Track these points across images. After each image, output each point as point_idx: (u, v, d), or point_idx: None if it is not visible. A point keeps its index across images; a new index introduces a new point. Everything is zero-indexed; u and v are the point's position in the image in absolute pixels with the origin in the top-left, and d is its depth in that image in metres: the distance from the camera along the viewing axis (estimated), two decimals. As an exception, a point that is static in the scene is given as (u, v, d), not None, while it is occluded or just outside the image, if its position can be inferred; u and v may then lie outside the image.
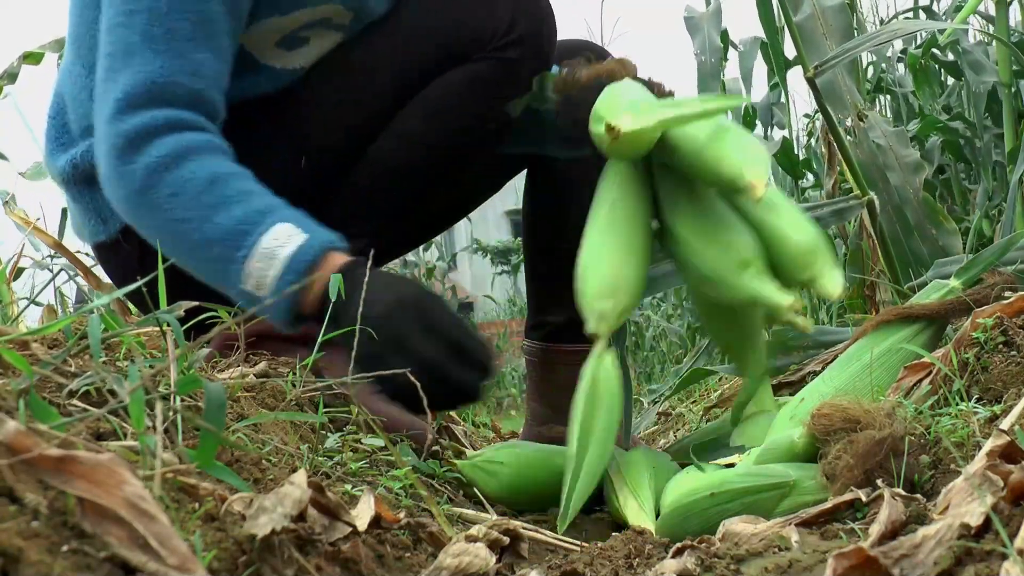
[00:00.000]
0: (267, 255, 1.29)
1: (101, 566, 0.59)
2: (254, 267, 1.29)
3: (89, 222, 1.56)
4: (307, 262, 1.30)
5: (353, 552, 0.79)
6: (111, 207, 1.48)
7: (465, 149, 1.59)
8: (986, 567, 0.68)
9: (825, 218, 2.26)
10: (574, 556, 1.08)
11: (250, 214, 1.31)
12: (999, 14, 2.88)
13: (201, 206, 1.31)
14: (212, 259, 1.32)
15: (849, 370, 1.37)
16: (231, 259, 1.30)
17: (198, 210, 1.31)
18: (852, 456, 1.04)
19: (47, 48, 3.16)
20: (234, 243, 1.30)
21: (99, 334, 0.84)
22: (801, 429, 1.17)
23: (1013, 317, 1.21)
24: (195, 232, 1.31)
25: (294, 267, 1.29)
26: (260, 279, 1.29)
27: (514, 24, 1.49)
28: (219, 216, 1.31)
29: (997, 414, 1.03)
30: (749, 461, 1.29)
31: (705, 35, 3.59)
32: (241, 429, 1.03)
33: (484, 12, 1.49)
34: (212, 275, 1.34)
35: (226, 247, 1.30)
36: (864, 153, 2.49)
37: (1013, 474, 0.74)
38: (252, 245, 1.29)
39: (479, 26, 1.48)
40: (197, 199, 1.31)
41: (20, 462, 0.61)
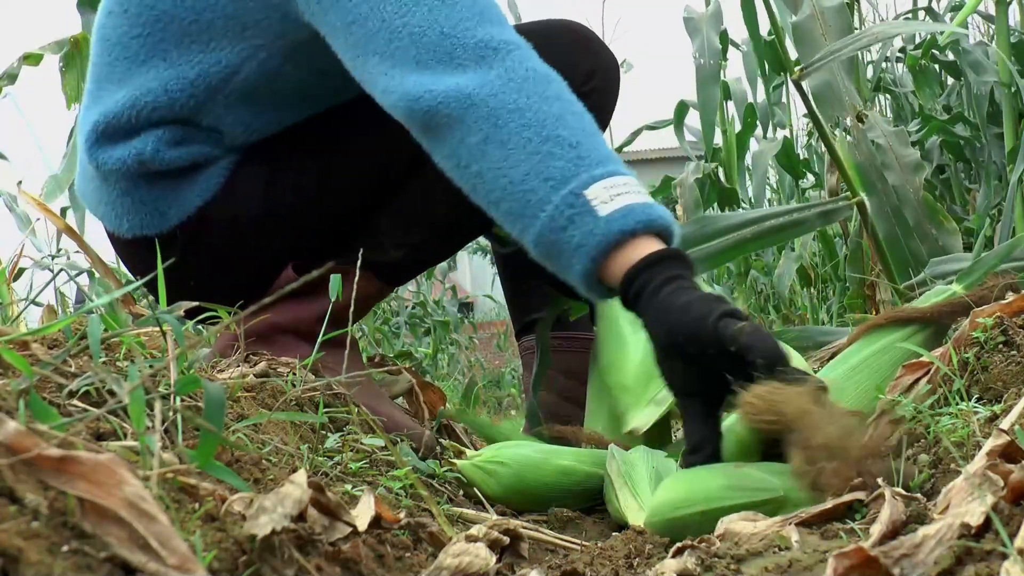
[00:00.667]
0: (634, 187, 1.24)
1: (101, 566, 0.59)
2: (613, 182, 1.22)
3: (139, 215, 1.56)
4: (660, 218, 1.22)
5: (353, 552, 0.79)
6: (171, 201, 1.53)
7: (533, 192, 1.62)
8: (986, 567, 0.68)
9: (812, 220, 2.28)
10: (574, 556, 1.08)
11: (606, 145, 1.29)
12: (999, 14, 2.88)
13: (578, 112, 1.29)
14: (561, 156, 1.24)
15: (835, 373, 1.35)
16: (591, 163, 1.23)
17: (577, 115, 1.28)
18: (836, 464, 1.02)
19: (47, 49, 3.16)
20: (605, 156, 1.25)
21: (99, 334, 0.84)
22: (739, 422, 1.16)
23: (1013, 317, 1.21)
24: (560, 126, 1.25)
25: (650, 209, 1.22)
26: (613, 193, 1.21)
27: (591, 76, 1.58)
28: (592, 128, 1.28)
29: (997, 414, 1.03)
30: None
31: (704, 36, 3.59)
32: (241, 429, 1.03)
33: (569, 63, 1.51)
34: (544, 170, 1.24)
35: (593, 152, 1.24)
36: (863, 153, 2.49)
37: (1013, 474, 0.74)
38: (625, 173, 1.24)
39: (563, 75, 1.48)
40: (573, 109, 1.29)
41: (20, 462, 0.61)
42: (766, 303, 4.51)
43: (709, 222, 2.08)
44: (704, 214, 3.28)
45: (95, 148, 1.55)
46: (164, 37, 1.51)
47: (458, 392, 4.35)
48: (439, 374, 6.34)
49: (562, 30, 1.62)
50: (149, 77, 1.52)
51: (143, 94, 1.51)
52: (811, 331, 2.07)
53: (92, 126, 1.55)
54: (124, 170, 1.53)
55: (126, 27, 1.53)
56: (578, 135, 1.25)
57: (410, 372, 1.85)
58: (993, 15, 3.05)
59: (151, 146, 1.51)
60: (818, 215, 2.26)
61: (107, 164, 1.54)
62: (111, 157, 1.53)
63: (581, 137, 1.25)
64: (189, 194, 1.54)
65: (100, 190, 1.59)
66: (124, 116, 1.52)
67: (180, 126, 1.51)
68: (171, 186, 1.54)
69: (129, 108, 1.52)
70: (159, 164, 1.51)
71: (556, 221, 1.22)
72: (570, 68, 1.54)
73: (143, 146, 1.51)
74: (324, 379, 1.27)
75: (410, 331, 6.89)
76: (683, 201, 4.11)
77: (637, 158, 14.19)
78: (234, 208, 1.55)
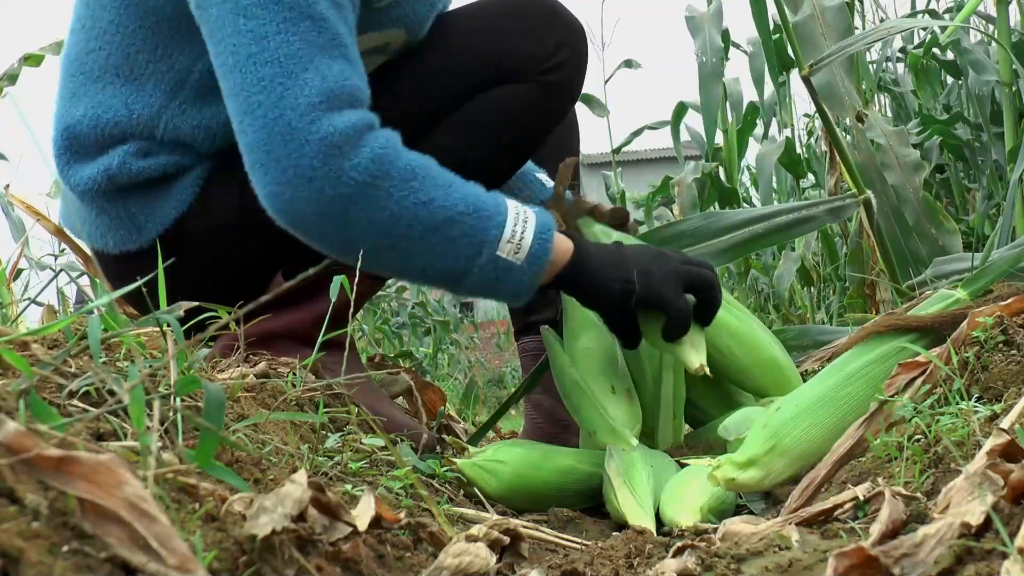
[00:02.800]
0: (522, 218, 1.37)
1: (101, 567, 0.59)
2: (514, 230, 1.36)
3: (119, 231, 1.56)
4: (551, 227, 1.40)
5: (354, 552, 0.79)
6: (147, 214, 1.52)
7: (498, 166, 1.66)
8: (986, 566, 0.68)
9: (820, 216, 2.27)
10: (574, 555, 1.08)
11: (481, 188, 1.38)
12: (999, 14, 2.88)
13: (443, 185, 1.34)
14: (459, 234, 1.34)
15: (831, 381, 1.33)
16: (487, 227, 1.35)
17: (442, 188, 1.34)
18: None
19: (47, 50, 3.16)
20: (486, 212, 1.35)
21: (99, 335, 0.84)
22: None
23: (1013, 316, 1.20)
24: (441, 210, 1.33)
25: (542, 230, 1.39)
26: (519, 242, 1.36)
27: (558, 50, 1.58)
28: (465, 189, 1.36)
29: (997, 413, 1.03)
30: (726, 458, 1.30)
31: (706, 35, 3.59)
32: (241, 429, 1.03)
33: (534, 38, 1.58)
34: (451, 253, 1.35)
35: (480, 216, 1.34)
36: (863, 153, 2.49)
37: (1013, 473, 0.74)
38: (507, 210, 1.36)
39: (528, 51, 1.57)
40: (435, 180, 1.34)
41: (20, 462, 0.61)
42: (766, 303, 4.51)
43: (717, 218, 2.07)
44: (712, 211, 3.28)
45: (66, 167, 1.56)
46: (113, 51, 1.51)
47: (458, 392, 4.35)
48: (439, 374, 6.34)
49: (523, 4, 1.61)
50: (107, 93, 1.51)
51: (104, 111, 1.51)
52: (811, 331, 2.06)
53: (58, 144, 1.56)
54: (96, 188, 1.53)
55: (83, 43, 1.54)
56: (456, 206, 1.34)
57: (410, 372, 1.85)
58: (993, 15, 3.04)
59: (117, 160, 1.51)
60: (827, 211, 2.26)
61: (80, 185, 1.54)
62: (82, 177, 1.54)
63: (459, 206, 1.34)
64: (164, 206, 1.54)
65: (80, 210, 1.59)
66: (89, 134, 1.52)
67: (145, 140, 1.51)
68: (145, 199, 1.53)
69: (92, 126, 1.51)
70: (128, 177, 1.51)
71: (485, 281, 1.37)
72: (536, 43, 1.56)
73: (110, 161, 1.51)
74: (324, 380, 1.27)
75: (410, 331, 6.89)
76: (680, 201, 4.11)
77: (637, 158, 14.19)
78: (211, 217, 1.54)
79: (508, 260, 1.36)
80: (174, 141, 1.52)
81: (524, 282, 1.38)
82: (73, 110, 1.53)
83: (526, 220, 1.38)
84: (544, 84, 1.57)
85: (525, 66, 1.56)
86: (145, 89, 1.50)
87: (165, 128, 1.51)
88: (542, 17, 1.60)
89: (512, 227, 1.36)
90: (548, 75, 1.57)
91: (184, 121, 1.51)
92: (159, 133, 1.51)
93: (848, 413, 1.28)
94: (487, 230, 1.35)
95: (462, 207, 1.34)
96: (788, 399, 1.37)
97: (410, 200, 1.32)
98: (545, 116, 1.64)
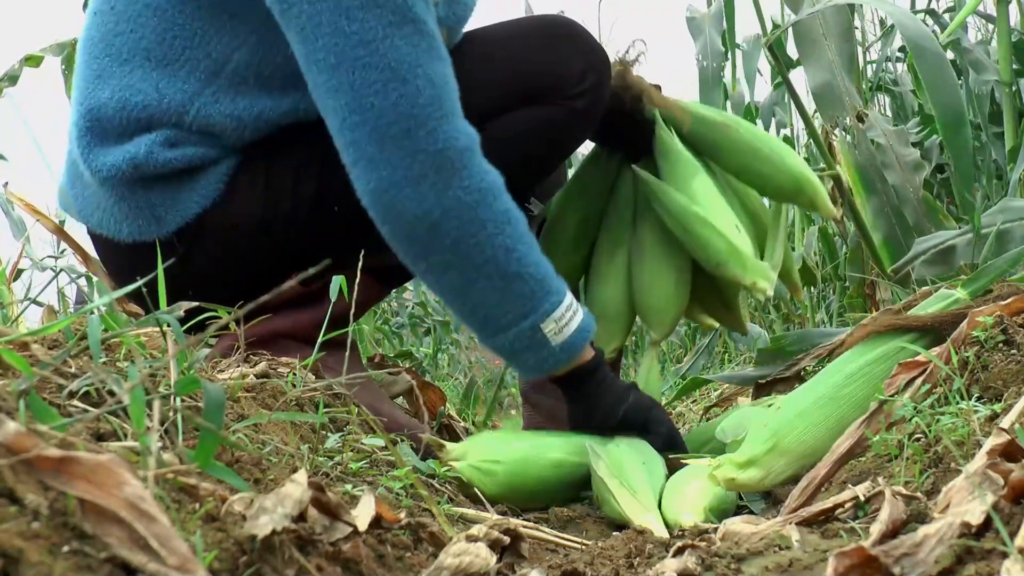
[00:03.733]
0: (572, 307, 1.46)
1: (102, 567, 0.59)
2: (563, 314, 1.45)
3: (137, 221, 1.54)
4: (591, 329, 1.49)
5: (354, 552, 0.79)
6: (168, 206, 1.52)
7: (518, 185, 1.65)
8: (987, 565, 0.68)
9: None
10: (575, 555, 1.08)
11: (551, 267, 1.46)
12: (999, 13, 2.88)
13: (529, 241, 1.43)
14: (522, 291, 1.42)
15: (831, 381, 1.33)
16: (546, 298, 1.43)
17: (526, 245, 1.42)
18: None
19: (47, 51, 3.16)
20: (550, 286, 1.44)
21: (99, 335, 0.84)
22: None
23: (1013, 316, 1.20)
24: (518, 263, 1.41)
25: (586, 327, 1.48)
26: (561, 327, 1.44)
27: (585, 76, 1.59)
28: (541, 258, 1.45)
29: (997, 412, 1.03)
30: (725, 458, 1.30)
31: (707, 36, 3.59)
32: (241, 429, 1.03)
33: (562, 62, 1.60)
34: (507, 304, 1.43)
35: (542, 286, 1.43)
36: (863, 153, 2.49)
37: (1013, 473, 0.74)
38: (564, 292, 1.46)
39: (556, 74, 1.59)
40: (524, 235, 1.43)
41: (20, 463, 0.61)
42: (766, 302, 4.51)
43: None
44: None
45: (87, 150, 1.54)
46: (147, 33, 1.49)
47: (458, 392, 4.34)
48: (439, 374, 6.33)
49: (551, 28, 1.63)
50: (136, 76, 1.50)
51: (132, 94, 1.49)
52: (810, 334, 2.06)
53: (80, 126, 1.54)
54: (119, 175, 1.51)
55: (111, 24, 1.52)
56: (529, 266, 1.42)
57: (410, 372, 1.85)
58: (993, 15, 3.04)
59: (144, 148, 1.49)
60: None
61: (102, 170, 1.52)
62: (105, 162, 1.52)
63: (531, 268, 1.43)
64: (187, 199, 1.53)
65: (97, 195, 1.56)
66: (115, 118, 1.50)
67: (172, 128, 1.50)
68: (168, 191, 1.52)
69: (119, 109, 1.50)
70: (154, 166, 1.49)
71: (517, 344, 1.44)
72: (563, 68, 1.57)
73: (136, 150, 1.49)
74: (324, 380, 1.27)
75: (410, 331, 6.89)
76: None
77: (637, 158, 14.16)
78: (232, 215, 1.54)
79: (546, 337, 1.44)
80: (203, 131, 1.51)
81: (549, 362, 1.47)
82: (99, 92, 1.52)
83: (575, 312, 1.47)
84: (569, 109, 1.59)
85: (552, 89, 1.58)
86: (178, 75, 1.49)
87: (195, 116, 1.50)
88: (571, 42, 1.61)
89: (563, 310, 1.45)
90: (574, 100, 1.59)
91: (216, 110, 1.50)
92: (188, 121, 1.50)
93: (848, 413, 1.28)
94: (545, 299, 1.43)
95: (534, 270, 1.42)
96: (788, 399, 1.38)
97: (498, 240, 1.39)
98: (567, 139, 1.67)
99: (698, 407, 2.75)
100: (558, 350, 1.45)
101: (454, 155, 1.37)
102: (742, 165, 1.75)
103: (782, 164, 1.73)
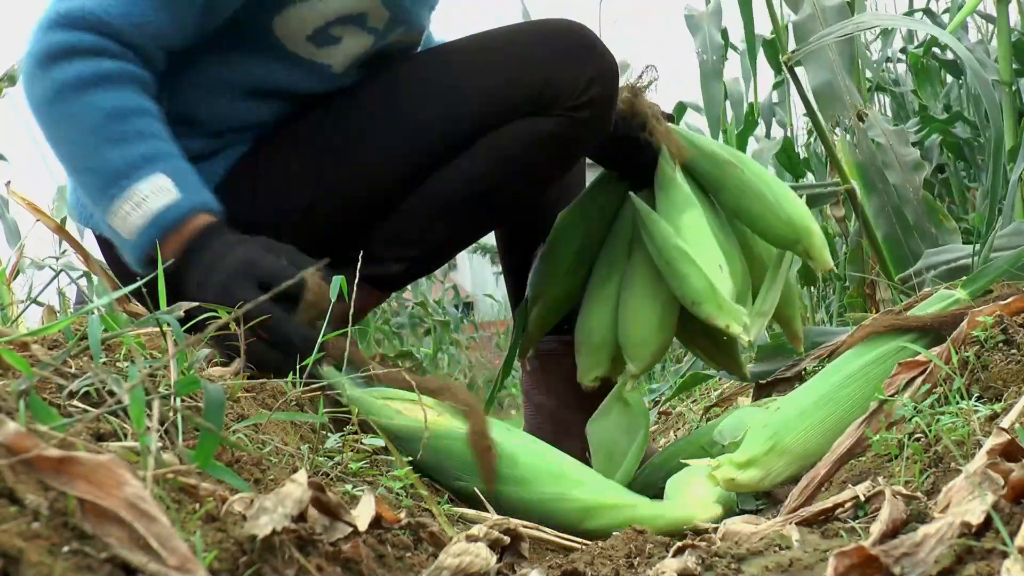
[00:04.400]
0: (137, 203, 1.39)
1: (102, 567, 0.59)
2: (122, 209, 1.38)
3: None
4: (172, 220, 1.39)
5: (354, 552, 0.79)
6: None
7: (522, 194, 1.66)
8: (987, 565, 0.68)
9: None
10: (575, 555, 1.08)
11: (134, 158, 1.39)
12: (999, 13, 2.87)
13: (94, 137, 1.39)
14: (91, 186, 1.41)
15: (831, 381, 1.33)
16: (105, 194, 1.39)
17: (90, 139, 1.39)
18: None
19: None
20: (112, 181, 1.38)
21: (99, 335, 0.84)
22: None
23: (1013, 316, 1.20)
24: (80, 159, 1.41)
25: (158, 222, 1.38)
26: (125, 222, 1.39)
27: (591, 86, 1.56)
28: (107, 151, 1.39)
29: (997, 412, 1.03)
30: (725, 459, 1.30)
31: (706, 33, 3.59)
32: (241, 429, 1.03)
33: (569, 70, 1.56)
34: (91, 198, 1.43)
35: (104, 181, 1.39)
36: (863, 152, 2.49)
37: (1013, 472, 0.74)
38: (125, 188, 1.38)
39: (563, 84, 1.55)
40: (92, 130, 1.39)
41: (20, 463, 0.61)
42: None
43: None
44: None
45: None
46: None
47: (458, 392, 4.34)
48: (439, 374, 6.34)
49: (564, 34, 1.60)
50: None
51: None
52: (810, 332, 2.06)
53: None
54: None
55: None
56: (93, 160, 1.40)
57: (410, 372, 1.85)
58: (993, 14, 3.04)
59: None
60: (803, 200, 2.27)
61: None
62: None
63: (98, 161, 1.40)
64: None
65: None
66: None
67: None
68: None
69: None
70: None
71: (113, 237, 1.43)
72: (571, 78, 1.55)
73: None
74: (324, 380, 1.27)
75: (410, 331, 6.89)
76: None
77: (637, 158, 14.16)
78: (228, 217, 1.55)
79: (118, 232, 1.40)
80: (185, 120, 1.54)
81: (131, 255, 1.42)
82: None
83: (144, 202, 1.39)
84: (573, 121, 1.56)
85: (556, 100, 1.55)
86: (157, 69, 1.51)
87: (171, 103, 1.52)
88: (577, 49, 1.58)
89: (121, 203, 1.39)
90: (578, 111, 1.56)
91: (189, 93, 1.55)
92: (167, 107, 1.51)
93: (848, 413, 1.28)
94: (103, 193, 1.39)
95: (95, 165, 1.40)
96: (788, 400, 1.37)
97: (65, 135, 1.41)
98: (572, 149, 1.63)
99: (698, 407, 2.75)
100: (132, 247, 1.41)
101: (42, 54, 1.39)
102: (741, 206, 1.70)
103: (782, 211, 1.67)
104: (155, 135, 1.41)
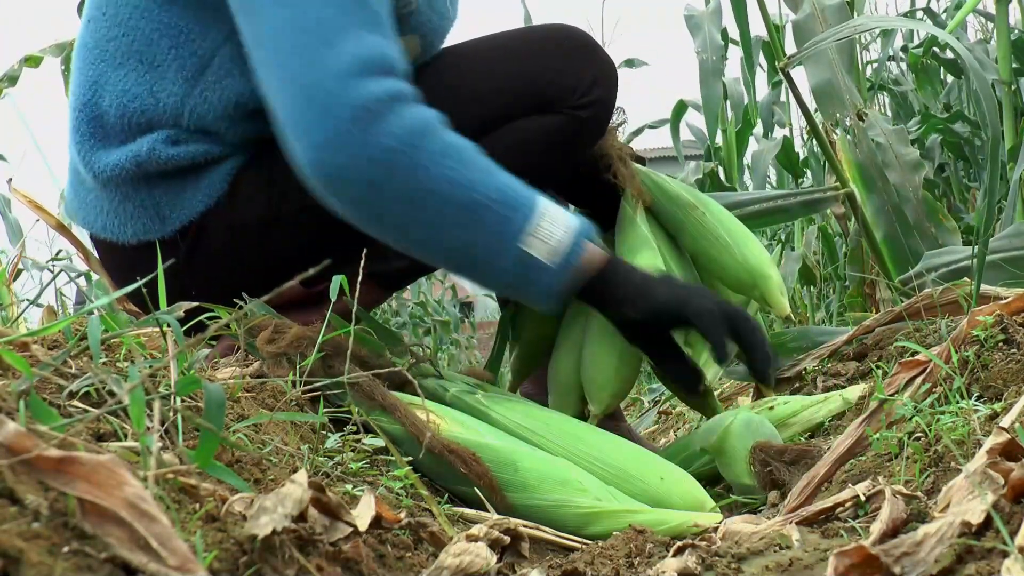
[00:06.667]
0: (556, 218, 1.32)
1: (102, 567, 0.59)
2: (543, 227, 1.31)
3: (141, 220, 1.54)
4: (589, 235, 1.36)
5: (354, 552, 0.79)
6: (173, 204, 1.51)
7: None
8: (987, 565, 0.68)
9: (794, 208, 2.28)
10: (575, 555, 1.08)
11: (519, 181, 1.32)
12: (999, 12, 2.87)
13: (480, 167, 1.31)
14: (488, 219, 1.30)
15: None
16: (514, 218, 1.30)
17: (478, 170, 1.30)
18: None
19: (47, 51, 3.16)
20: (523, 201, 1.31)
21: (99, 335, 0.84)
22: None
23: (1013, 315, 1.21)
24: (474, 191, 1.29)
25: (578, 231, 1.34)
26: (549, 240, 1.31)
27: (593, 85, 1.58)
28: (500, 177, 1.31)
29: (997, 412, 1.03)
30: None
31: (706, 33, 3.60)
32: (241, 429, 1.03)
33: (570, 71, 1.58)
34: (480, 237, 1.31)
35: (511, 206, 1.30)
36: (863, 152, 2.49)
37: (1014, 472, 0.74)
38: (541, 206, 1.31)
39: (564, 83, 1.57)
40: (474, 160, 1.30)
41: (20, 463, 0.61)
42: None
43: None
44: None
45: (89, 153, 1.54)
46: (137, 36, 1.50)
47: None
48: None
49: (563, 38, 1.62)
50: (131, 80, 1.50)
51: (130, 100, 1.50)
52: (810, 331, 2.06)
53: (81, 130, 1.54)
54: (122, 175, 1.52)
55: (104, 30, 1.53)
56: (488, 190, 1.30)
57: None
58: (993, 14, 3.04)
59: (147, 147, 1.50)
60: (802, 204, 2.27)
61: (104, 171, 1.52)
62: (107, 163, 1.52)
63: (492, 192, 1.30)
64: (191, 198, 1.53)
65: (100, 199, 1.56)
66: (116, 123, 1.51)
67: (172, 128, 1.50)
68: (172, 188, 1.53)
69: (119, 115, 1.51)
70: (157, 164, 1.50)
71: (516, 279, 1.33)
72: (573, 78, 1.56)
73: (139, 148, 1.50)
74: (324, 379, 1.27)
75: (410, 331, 6.89)
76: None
77: (637, 157, 14.17)
78: (236, 214, 1.54)
79: (536, 258, 1.32)
80: (201, 130, 1.51)
81: (556, 285, 1.34)
82: (98, 99, 1.52)
83: (557, 218, 1.33)
84: (574, 119, 1.58)
85: (559, 98, 1.57)
86: (167, 76, 1.49)
87: (190, 117, 1.50)
88: (580, 51, 1.60)
89: (538, 221, 1.31)
90: (580, 111, 1.58)
91: (207, 110, 1.51)
92: (185, 121, 1.50)
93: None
94: (514, 219, 1.31)
95: (495, 194, 1.30)
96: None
97: (441, 174, 1.28)
98: (572, 149, 1.65)
99: (698, 407, 2.75)
100: (557, 269, 1.33)
101: (372, 104, 1.26)
102: (700, 249, 1.70)
103: (740, 256, 1.67)
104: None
